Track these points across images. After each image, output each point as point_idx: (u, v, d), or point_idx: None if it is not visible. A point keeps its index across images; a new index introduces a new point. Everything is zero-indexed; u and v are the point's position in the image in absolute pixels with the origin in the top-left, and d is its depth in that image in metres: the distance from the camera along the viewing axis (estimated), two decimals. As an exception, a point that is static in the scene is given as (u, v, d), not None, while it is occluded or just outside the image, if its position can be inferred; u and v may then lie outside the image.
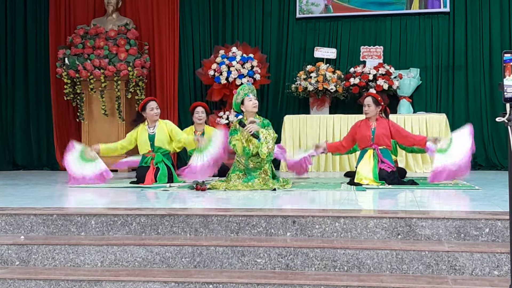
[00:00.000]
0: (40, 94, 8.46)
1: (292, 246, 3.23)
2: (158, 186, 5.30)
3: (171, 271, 3.26)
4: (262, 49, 8.17)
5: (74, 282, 3.19)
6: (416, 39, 7.93)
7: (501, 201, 3.93)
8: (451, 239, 3.27)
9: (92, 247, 3.38)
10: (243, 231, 3.43)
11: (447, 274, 3.09)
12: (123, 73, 7.58)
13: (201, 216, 3.49)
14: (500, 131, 7.44)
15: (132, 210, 3.65)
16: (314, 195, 4.58)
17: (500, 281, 2.96)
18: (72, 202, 4.40)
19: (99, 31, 7.87)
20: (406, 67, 7.85)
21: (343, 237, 3.35)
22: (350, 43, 8.06)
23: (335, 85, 7.48)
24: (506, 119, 2.50)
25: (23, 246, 3.44)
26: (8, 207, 3.92)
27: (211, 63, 7.85)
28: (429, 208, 3.87)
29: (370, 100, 5.40)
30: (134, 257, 3.35)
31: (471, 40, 7.74)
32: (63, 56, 7.73)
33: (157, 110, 5.70)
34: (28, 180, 6.36)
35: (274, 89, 8.19)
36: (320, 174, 6.85)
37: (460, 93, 7.77)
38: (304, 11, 8.14)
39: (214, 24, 8.36)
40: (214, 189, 4.98)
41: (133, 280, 3.15)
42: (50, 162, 8.38)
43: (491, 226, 3.25)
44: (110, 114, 7.74)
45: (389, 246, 3.18)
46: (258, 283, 3.05)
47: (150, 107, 5.66)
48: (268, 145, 4.99)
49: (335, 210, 3.64)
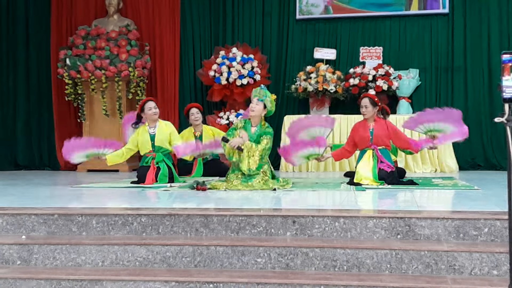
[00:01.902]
0: (42, 95, 8.48)
1: (292, 246, 3.25)
2: (159, 186, 5.31)
3: (172, 271, 3.27)
4: (262, 50, 8.19)
5: (75, 281, 3.20)
6: (415, 40, 7.95)
7: (500, 201, 3.93)
8: (450, 239, 3.28)
9: (93, 247, 3.40)
10: (243, 231, 3.45)
11: (446, 274, 3.10)
12: (124, 73, 7.60)
13: (202, 216, 3.50)
14: (499, 131, 7.45)
15: (133, 210, 3.66)
16: (314, 195, 4.59)
17: (499, 281, 2.97)
18: (73, 202, 4.41)
19: (100, 32, 7.89)
20: (405, 68, 7.86)
21: (342, 236, 3.37)
22: (350, 44, 8.08)
23: (335, 85, 7.50)
24: (505, 120, 2.50)
25: (24, 246, 3.45)
26: (10, 207, 3.93)
27: (212, 64, 7.87)
28: (428, 208, 3.89)
29: (367, 101, 5.40)
30: (135, 257, 3.36)
31: (470, 41, 7.75)
32: (65, 56, 7.75)
33: (156, 109, 5.70)
34: (29, 180, 6.38)
35: (274, 90, 8.18)
36: (320, 174, 6.87)
37: (459, 94, 7.78)
38: (304, 12, 8.15)
39: (215, 25, 8.37)
40: (214, 189, 4.99)
41: (134, 280, 3.17)
42: (52, 162, 8.40)
43: (490, 226, 3.26)
44: (111, 115, 7.76)
45: (389, 245, 3.19)
46: (258, 283, 3.07)
47: (148, 107, 5.67)
48: (250, 160, 4.99)
49: (335, 210, 3.65)
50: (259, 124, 5.19)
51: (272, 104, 5.25)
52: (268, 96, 5.23)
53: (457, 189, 4.94)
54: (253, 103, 5.16)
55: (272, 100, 5.26)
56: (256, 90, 5.25)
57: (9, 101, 8.53)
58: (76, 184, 5.74)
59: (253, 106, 5.15)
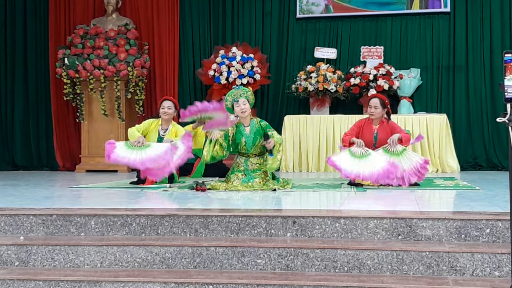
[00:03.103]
0: (40, 94, 8.46)
1: (292, 247, 3.22)
2: (158, 186, 5.28)
3: (171, 272, 3.25)
4: (262, 49, 8.17)
5: (73, 282, 3.18)
6: (417, 39, 7.93)
7: (502, 202, 3.92)
8: (452, 240, 3.26)
9: (91, 248, 3.37)
10: (243, 232, 3.43)
11: (447, 275, 3.08)
12: (123, 73, 7.58)
13: (201, 216, 3.48)
14: (500, 131, 7.43)
15: (132, 211, 3.64)
16: (314, 196, 4.57)
17: (501, 282, 2.95)
18: (71, 203, 4.38)
19: (99, 31, 7.87)
20: (406, 67, 7.84)
21: (343, 237, 3.34)
22: (351, 43, 8.06)
23: (336, 85, 7.47)
24: (507, 120, 2.49)
25: (22, 247, 3.43)
26: (8, 207, 3.90)
27: (211, 63, 7.85)
28: (429, 208, 3.86)
29: (378, 102, 5.33)
30: (133, 258, 3.34)
31: (472, 40, 7.74)
32: (63, 56, 7.73)
33: (169, 110, 5.66)
34: (27, 181, 6.35)
35: (274, 89, 8.19)
36: (320, 174, 6.85)
37: (461, 93, 7.76)
38: (304, 11, 8.13)
39: (214, 24, 8.35)
40: (214, 189, 4.97)
41: (132, 281, 3.14)
42: (50, 163, 8.39)
43: (492, 227, 3.24)
44: (109, 114, 7.74)
45: (390, 246, 3.17)
46: (258, 284, 3.04)
47: (162, 106, 5.68)
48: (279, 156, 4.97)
49: (336, 210, 3.63)
50: (252, 123, 5.17)
51: (252, 95, 5.27)
52: (246, 89, 5.24)
53: (459, 190, 4.91)
54: (241, 105, 5.10)
55: (251, 92, 5.28)
56: (232, 93, 5.18)
57: (7, 100, 8.51)
58: (75, 185, 5.72)
59: (243, 107, 5.11)
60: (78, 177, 6.87)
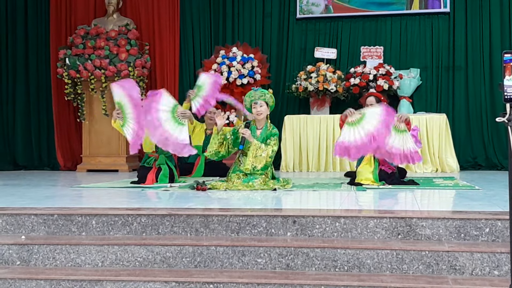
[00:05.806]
0: (41, 94, 8.47)
1: (293, 246, 3.24)
2: (159, 186, 5.30)
3: (172, 271, 3.26)
4: (263, 49, 8.18)
5: (75, 282, 3.19)
6: (416, 39, 7.94)
7: (501, 201, 3.93)
8: (451, 239, 3.27)
9: (93, 247, 3.39)
10: (243, 231, 3.44)
11: (447, 274, 3.09)
12: (123, 73, 7.59)
13: (202, 216, 3.49)
14: (500, 131, 7.44)
15: (133, 210, 3.65)
16: (314, 195, 4.58)
17: (500, 281, 2.97)
18: (73, 202, 4.40)
19: (99, 32, 7.88)
20: (406, 67, 7.85)
21: (343, 237, 3.36)
22: (351, 43, 8.07)
23: (336, 85, 7.49)
24: (506, 119, 2.50)
25: (24, 246, 3.44)
26: (9, 207, 3.92)
27: (212, 63, 7.86)
28: (429, 208, 3.88)
29: (373, 100, 5.37)
30: (134, 257, 3.35)
31: (471, 40, 7.74)
32: (64, 56, 7.74)
33: None
34: (29, 180, 6.37)
35: (275, 89, 8.16)
36: (320, 174, 6.86)
37: (460, 93, 7.77)
38: (304, 11, 8.14)
39: (215, 24, 8.37)
40: (214, 189, 4.98)
41: (133, 280, 3.16)
42: (51, 162, 8.39)
43: (491, 226, 3.25)
44: (110, 114, 7.72)
45: (389, 246, 3.18)
46: (259, 283, 3.06)
47: None
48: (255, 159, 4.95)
49: (336, 210, 3.64)
50: (265, 126, 5.17)
51: (272, 98, 5.24)
52: (266, 92, 5.22)
53: (458, 189, 4.92)
54: (257, 107, 5.10)
55: (271, 95, 5.25)
56: (251, 94, 5.17)
57: (8, 101, 8.51)
58: (76, 184, 5.73)
59: (260, 110, 5.09)
60: (79, 177, 6.88)
